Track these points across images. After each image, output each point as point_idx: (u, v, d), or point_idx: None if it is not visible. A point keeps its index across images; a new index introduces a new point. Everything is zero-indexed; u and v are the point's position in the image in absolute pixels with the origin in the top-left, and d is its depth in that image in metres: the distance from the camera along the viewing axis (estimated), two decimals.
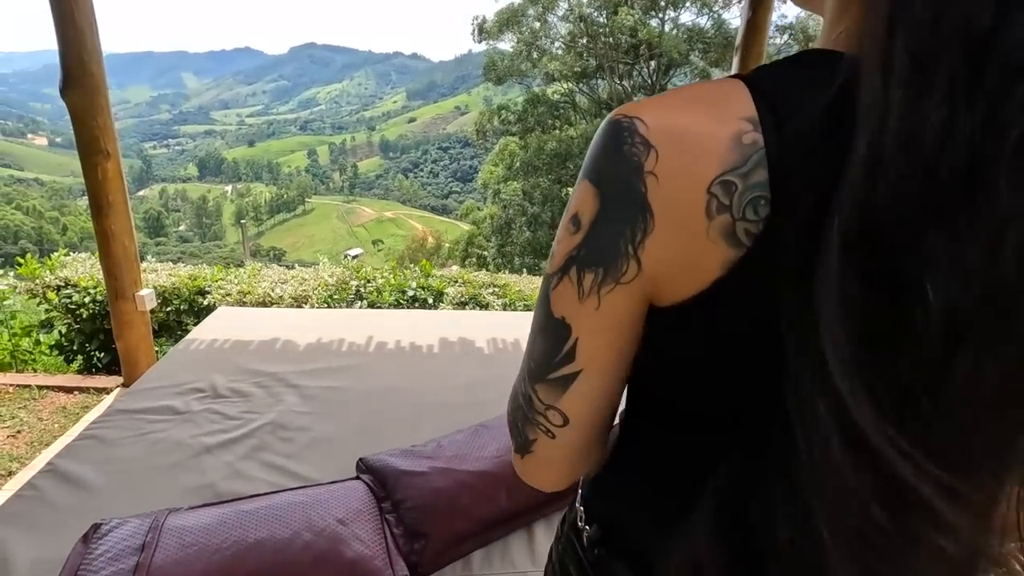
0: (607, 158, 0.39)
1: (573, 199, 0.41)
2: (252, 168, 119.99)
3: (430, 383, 2.06)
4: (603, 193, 0.39)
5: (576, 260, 0.40)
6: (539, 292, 0.45)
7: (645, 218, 0.37)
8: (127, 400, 1.84)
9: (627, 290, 0.39)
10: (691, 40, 19.17)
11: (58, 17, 2.49)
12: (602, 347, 0.42)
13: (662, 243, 0.37)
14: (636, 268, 0.38)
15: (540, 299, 0.44)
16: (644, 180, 0.37)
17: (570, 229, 0.41)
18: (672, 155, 0.36)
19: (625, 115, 0.39)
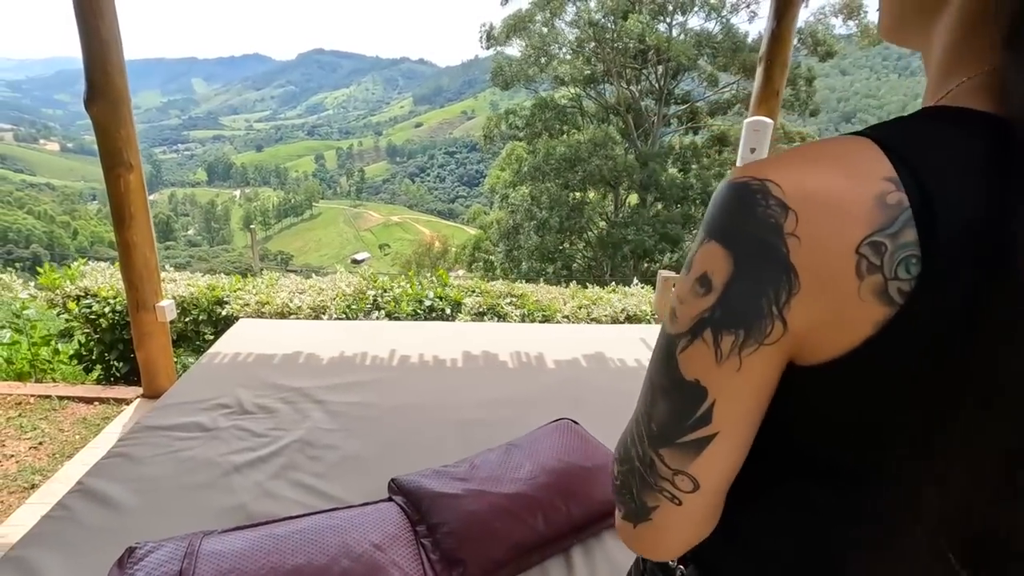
0: (739, 220, 0.39)
1: (697, 261, 0.41)
2: (260, 173, 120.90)
3: (456, 399, 2.04)
4: (738, 255, 0.39)
5: (711, 322, 0.40)
6: (657, 353, 0.44)
7: (790, 279, 0.37)
8: (154, 416, 1.83)
9: (770, 351, 0.39)
10: (699, 45, 19.15)
11: (84, 31, 2.50)
12: (740, 408, 0.41)
13: (809, 303, 0.38)
14: (782, 328, 0.38)
15: (661, 360, 0.44)
16: (785, 241, 0.37)
17: (698, 290, 0.40)
18: (814, 217, 0.37)
19: (753, 177, 0.39)
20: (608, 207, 20.74)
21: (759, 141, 2.78)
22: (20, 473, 2.46)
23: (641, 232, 18.28)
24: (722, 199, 0.41)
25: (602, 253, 19.83)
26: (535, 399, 2.07)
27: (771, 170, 0.39)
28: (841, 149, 0.38)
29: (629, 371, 2.36)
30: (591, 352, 2.50)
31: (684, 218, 18.91)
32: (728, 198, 0.40)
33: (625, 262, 19.29)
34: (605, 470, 1.60)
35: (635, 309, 3.65)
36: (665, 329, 0.44)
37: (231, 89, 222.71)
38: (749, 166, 0.40)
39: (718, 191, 0.42)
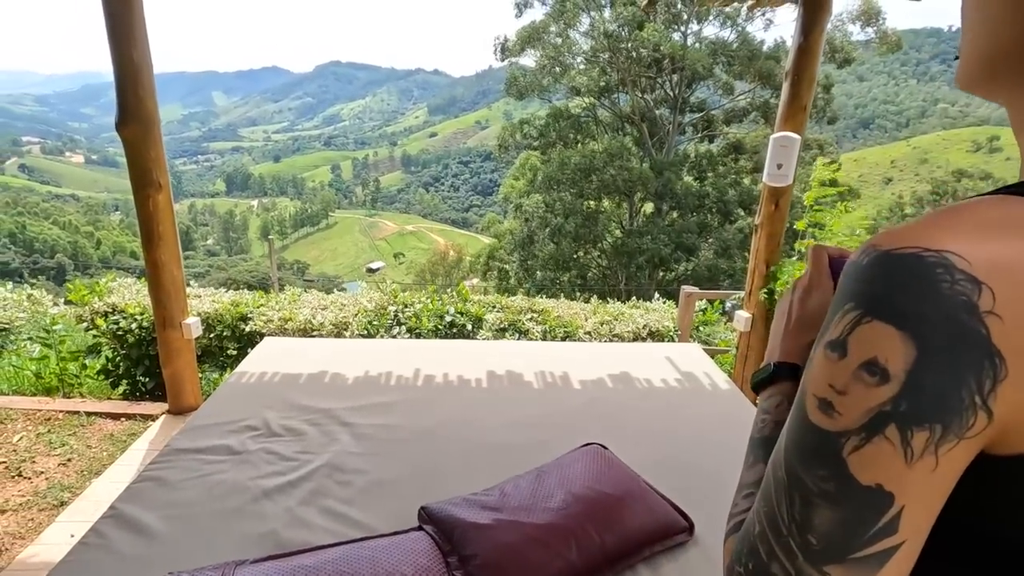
0: (917, 299, 0.34)
1: (859, 344, 0.36)
2: (277, 183, 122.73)
3: (482, 420, 2.03)
4: (922, 338, 0.34)
5: (895, 417, 0.34)
6: (800, 448, 0.39)
7: (995, 363, 0.33)
8: (184, 438, 1.84)
9: (970, 443, 0.35)
10: (715, 53, 19.08)
11: (116, 55, 2.56)
12: (931, 510, 0.36)
13: (1017, 388, 0.34)
14: (987, 420, 0.34)
15: (814, 460, 0.37)
16: (984, 322, 0.33)
17: (867, 379, 0.35)
18: (1013, 292, 0.33)
19: (924, 248, 0.35)
20: (623, 216, 20.67)
21: (786, 157, 2.74)
22: (50, 490, 2.48)
23: (657, 241, 18.19)
24: (882, 271, 0.36)
25: (617, 262, 19.74)
26: (562, 420, 2.05)
27: (942, 239, 0.35)
28: (1013, 211, 0.35)
29: (656, 391, 2.32)
30: (616, 372, 2.47)
31: (700, 227, 18.78)
32: (892, 271, 0.35)
33: (640, 271, 19.18)
34: (637, 499, 1.57)
35: (657, 325, 3.60)
36: (814, 422, 0.37)
37: (250, 101, 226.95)
38: (905, 233, 0.36)
39: (869, 261, 0.37)
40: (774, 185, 2.83)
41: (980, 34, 0.44)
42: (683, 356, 2.70)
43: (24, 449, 2.76)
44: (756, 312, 3.08)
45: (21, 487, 2.51)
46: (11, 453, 2.72)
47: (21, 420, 3.01)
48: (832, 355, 0.37)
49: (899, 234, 0.36)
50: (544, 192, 18.86)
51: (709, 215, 19.17)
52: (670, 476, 1.70)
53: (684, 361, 2.63)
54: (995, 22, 0.43)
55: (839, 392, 0.36)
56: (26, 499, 2.43)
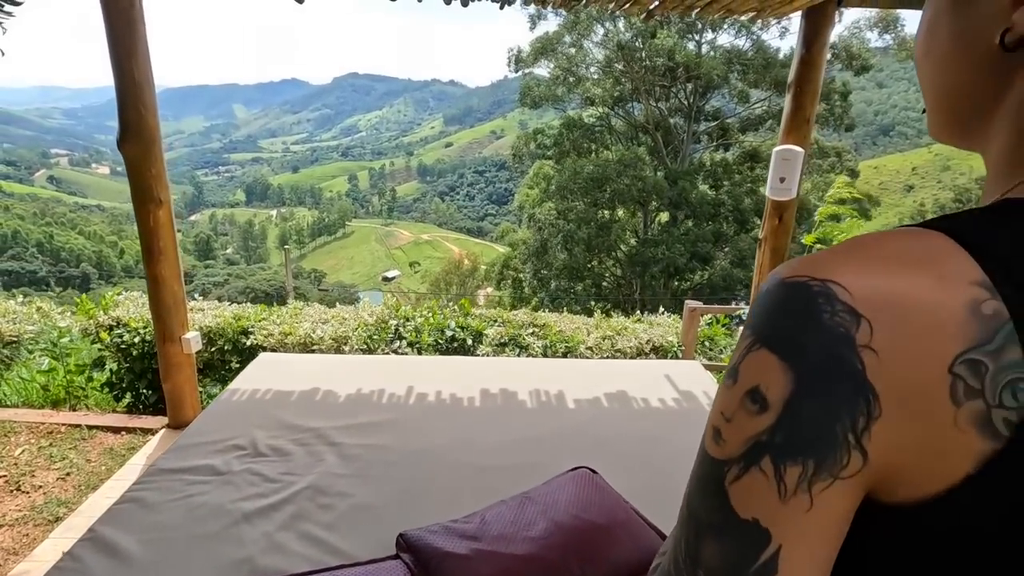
0: (798, 327, 0.33)
1: (746, 371, 0.35)
2: (296, 193, 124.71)
3: (472, 442, 1.99)
4: (799, 368, 0.33)
5: (770, 448, 0.33)
6: (698, 478, 0.37)
7: (868, 400, 0.32)
8: (170, 457, 1.83)
9: (846, 485, 0.33)
10: (730, 62, 18.99)
11: (117, 72, 2.60)
12: (812, 555, 0.34)
13: (893, 431, 0.32)
14: (861, 460, 0.32)
15: (705, 490, 0.36)
16: (860, 355, 0.32)
17: (749, 407, 0.34)
18: (893, 328, 0.32)
19: (811, 277, 0.34)
20: (638, 225, 20.57)
21: (789, 170, 2.68)
22: (46, 505, 2.50)
23: (672, 250, 18.06)
24: (774, 299, 0.35)
25: (632, 271, 19.62)
26: (554, 442, 2.00)
27: (832, 269, 0.33)
28: (913, 245, 0.34)
29: (652, 412, 2.26)
30: (613, 390, 2.41)
31: (715, 236, 18.61)
32: (782, 299, 0.35)
33: (655, 280, 19.04)
34: (623, 527, 1.52)
35: (661, 340, 3.54)
36: (707, 449, 0.37)
37: (270, 113, 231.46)
38: (803, 262, 0.35)
39: (767, 289, 0.36)
40: (777, 199, 2.76)
41: (936, 82, 0.43)
42: (683, 374, 2.63)
43: (25, 463, 2.79)
44: None
45: (19, 501, 2.53)
46: (12, 467, 2.75)
47: (24, 433, 3.04)
48: (728, 381, 0.36)
49: (799, 263, 0.36)
50: (557, 200, 18.86)
51: (725, 224, 19.01)
52: (661, 503, 1.64)
53: (684, 379, 2.57)
54: (946, 63, 0.41)
55: (727, 420, 0.36)
56: (23, 514, 2.44)
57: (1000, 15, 0.36)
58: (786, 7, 2.50)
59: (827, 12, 2.55)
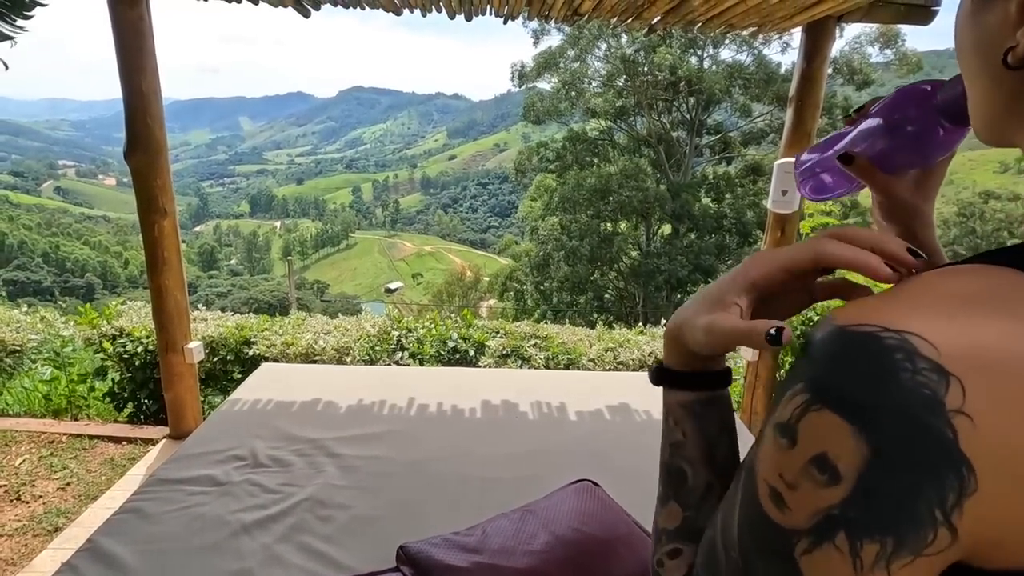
0: (871, 388, 0.29)
1: (808, 433, 0.31)
2: (300, 205, 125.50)
3: (473, 453, 1.98)
4: (875, 437, 0.29)
5: (844, 523, 0.30)
6: (758, 537, 0.34)
7: (961, 474, 0.28)
8: (170, 468, 1.82)
9: (930, 561, 0.30)
10: (732, 76, 19.14)
11: (126, 85, 2.63)
12: None
13: (991, 505, 0.28)
14: (949, 538, 0.29)
15: (772, 553, 0.33)
16: (951, 423, 0.28)
17: (816, 476, 0.30)
18: (989, 388, 0.27)
19: (883, 327, 0.30)
20: (640, 237, 20.62)
21: (791, 183, 2.69)
22: (46, 515, 2.49)
23: (674, 262, 18.09)
24: (837, 352, 0.31)
25: (634, 284, 19.63)
26: (555, 455, 1.99)
27: (906, 317, 0.29)
28: (989, 284, 0.30)
29: (654, 425, 2.25)
30: (615, 403, 2.40)
31: (718, 248, 18.63)
32: (848, 353, 0.30)
33: (658, 292, 19.03)
34: (624, 542, 1.50)
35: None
36: (765, 511, 0.33)
37: (275, 125, 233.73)
38: (867, 307, 0.31)
39: (826, 338, 0.32)
40: (779, 212, 2.77)
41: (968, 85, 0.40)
42: None
43: (25, 472, 2.78)
44: None
45: (19, 511, 2.52)
46: (12, 476, 2.74)
47: (26, 442, 3.04)
48: (782, 441, 0.32)
49: (859, 307, 0.32)
50: (560, 214, 18.93)
51: (728, 236, 19.05)
52: None
53: None
54: (970, 70, 0.39)
55: (789, 486, 0.32)
56: (22, 524, 2.43)
57: (1006, 31, 0.34)
58: (786, 23, 2.53)
59: (827, 27, 2.58)
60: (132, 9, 2.56)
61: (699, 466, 0.48)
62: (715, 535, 0.39)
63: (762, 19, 2.49)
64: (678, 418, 0.49)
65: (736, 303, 0.42)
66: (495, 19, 2.62)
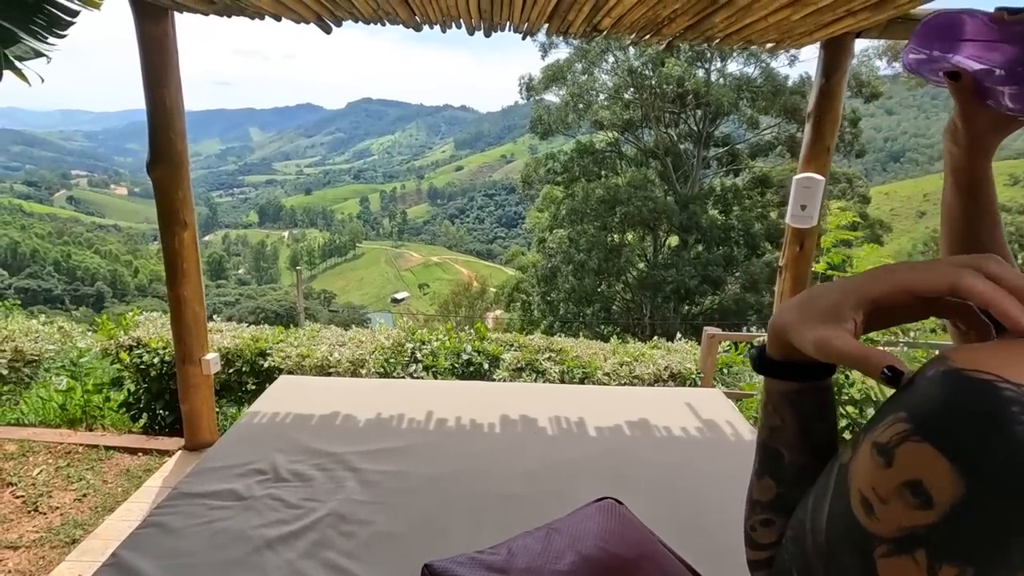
0: (979, 436, 0.30)
1: (906, 459, 0.32)
2: (308, 215, 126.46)
3: (493, 469, 1.96)
4: (975, 480, 0.29)
5: (927, 544, 0.31)
6: (843, 526, 0.35)
7: None
8: (191, 481, 1.82)
9: None
10: (739, 89, 19.19)
11: (150, 98, 2.67)
12: None
13: None
14: None
15: (853, 545, 0.34)
16: None
17: (909, 499, 0.31)
18: None
19: (1002, 378, 0.30)
20: (647, 249, 20.61)
21: (810, 198, 2.68)
22: (63, 527, 2.49)
23: (683, 274, 18.03)
24: (948, 393, 0.31)
25: (642, 295, 19.58)
26: (576, 471, 1.97)
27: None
28: None
29: (674, 441, 2.23)
30: (634, 418, 2.38)
31: (726, 260, 18.58)
32: (960, 397, 0.31)
33: (666, 303, 18.97)
34: (650, 560, 1.48)
35: (679, 367, 3.51)
36: (853, 509, 0.34)
37: (284, 136, 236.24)
38: (984, 355, 0.32)
39: (938, 378, 0.32)
40: (798, 226, 2.76)
41: None
42: (704, 402, 2.60)
43: (42, 483, 2.79)
44: None
45: (36, 523, 2.52)
46: (30, 487, 2.75)
47: (43, 453, 3.05)
48: (878, 459, 0.33)
49: (978, 353, 0.32)
50: (568, 226, 18.95)
51: (735, 248, 18.99)
52: (687, 534, 1.61)
53: (705, 407, 2.53)
54: None
55: (880, 499, 0.33)
56: (40, 535, 2.43)
57: None
58: (805, 39, 2.54)
59: (846, 44, 2.58)
60: (157, 25, 2.61)
61: (795, 450, 0.49)
62: (805, 517, 0.40)
63: (781, 35, 2.50)
64: (777, 404, 0.50)
65: (853, 318, 0.41)
66: (505, 34, 2.65)
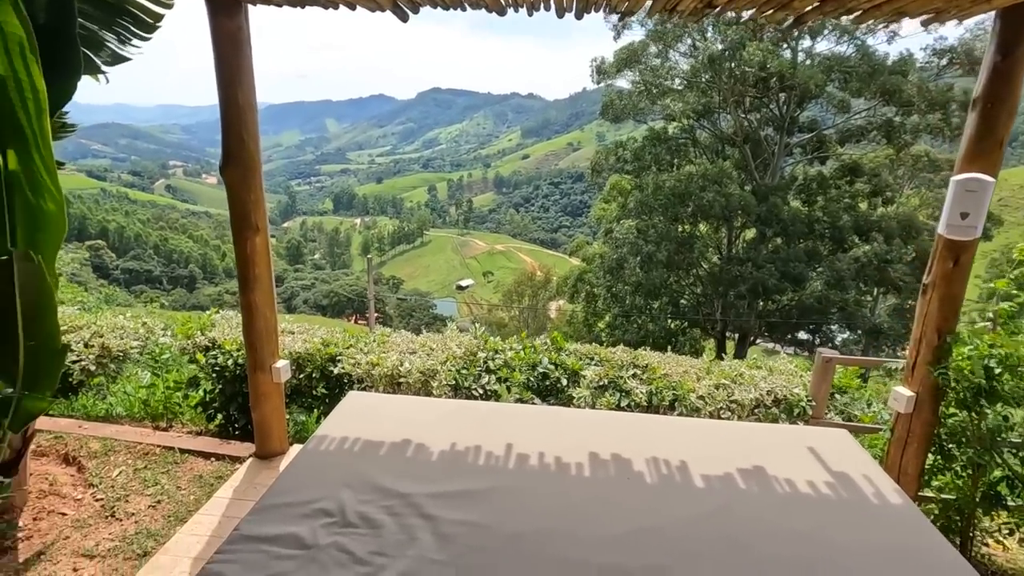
0: None
1: None
2: (379, 203, 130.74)
3: (582, 528, 1.68)
4: None
5: None
6: None
7: None
8: (254, 522, 1.66)
9: None
10: (829, 70, 17.61)
11: (223, 98, 2.56)
12: None
13: None
14: None
15: None
16: None
17: None
18: None
19: None
20: (721, 241, 19.49)
21: (975, 204, 2.19)
22: (136, 536, 2.45)
23: (762, 270, 16.88)
24: None
25: (713, 290, 18.57)
26: (683, 538, 1.66)
27: None
28: None
29: (803, 501, 1.85)
30: (747, 465, 2.03)
31: (808, 255, 17.22)
32: None
33: (740, 300, 17.87)
34: None
35: (784, 391, 3.07)
36: None
37: (358, 127, 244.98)
38: None
39: None
40: (955, 238, 2.26)
41: None
42: (831, 446, 2.19)
43: (121, 486, 2.79)
44: (922, 390, 2.49)
45: (112, 529, 2.50)
46: (109, 489, 2.76)
47: (123, 453, 3.08)
48: None
49: None
50: (636, 218, 18.22)
51: (819, 242, 17.57)
52: None
53: (833, 453, 2.13)
54: None
55: None
56: (114, 544, 2.41)
57: None
58: (979, 5, 2.04)
59: None
60: (231, 19, 2.48)
61: None
62: None
63: (947, 2, 2.02)
64: None
65: None
66: (599, 13, 2.31)
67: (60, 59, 2.04)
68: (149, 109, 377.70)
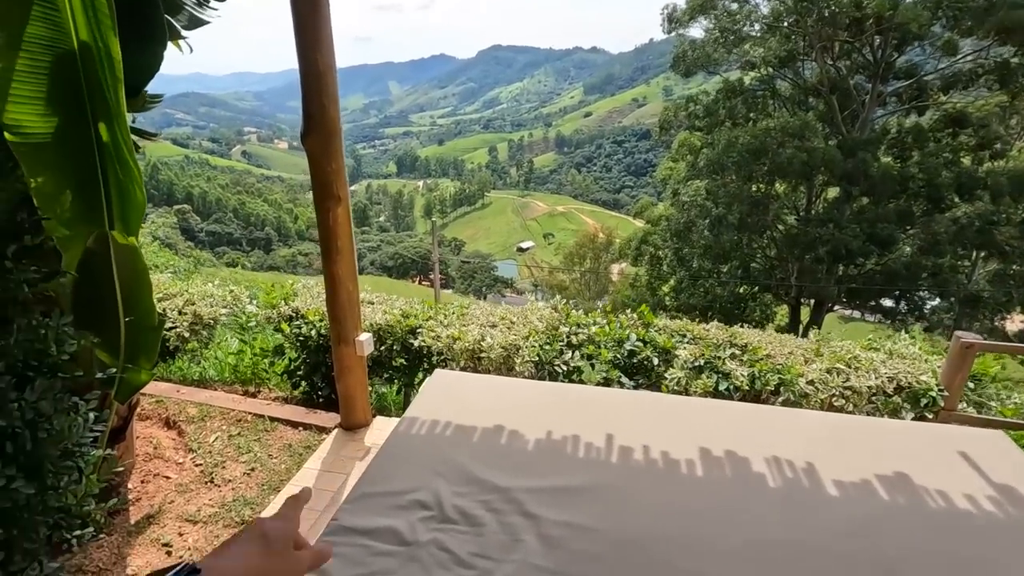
0: None
1: None
2: (440, 165, 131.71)
3: (704, 537, 1.51)
4: None
5: None
6: None
7: None
8: (351, 511, 1.61)
9: None
10: (937, 7, 15.49)
11: (303, 63, 2.44)
12: None
13: None
14: None
15: None
16: None
17: None
18: None
19: None
20: (799, 201, 18.09)
21: None
22: (234, 503, 2.52)
23: (845, 231, 15.54)
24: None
25: (789, 253, 17.39)
26: (820, 557, 1.45)
27: None
28: None
29: (963, 519, 1.59)
30: (887, 471, 1.77)
31: (899, 215, 15.64)
32: None
33: (819, 264, 16.64)
34: None
35: (909, 378, 2.72)
36: None
37: (419, 89, 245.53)
38: None
39: None
40: None
41: None
42: (987, 451, 1.88)
43: (217, 452, 2.89)
44: None
45: (212, 495, 2.59)
46: (207, 455, 2.86)
47: (218, 419, 3.19)
48: None
49: None
50: (706, 178, 17.16)
51: (913, 201, 15.88)
52: None
53: (991, 460, 1.83)
54: None
55: None
56: (214, 511, 2.49)
57: None
58: None
59: None
60: None
61: None
62: None
63: None
64: None
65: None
66: None
67: (147, 27, 1.97)
68: (223, 78, 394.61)
